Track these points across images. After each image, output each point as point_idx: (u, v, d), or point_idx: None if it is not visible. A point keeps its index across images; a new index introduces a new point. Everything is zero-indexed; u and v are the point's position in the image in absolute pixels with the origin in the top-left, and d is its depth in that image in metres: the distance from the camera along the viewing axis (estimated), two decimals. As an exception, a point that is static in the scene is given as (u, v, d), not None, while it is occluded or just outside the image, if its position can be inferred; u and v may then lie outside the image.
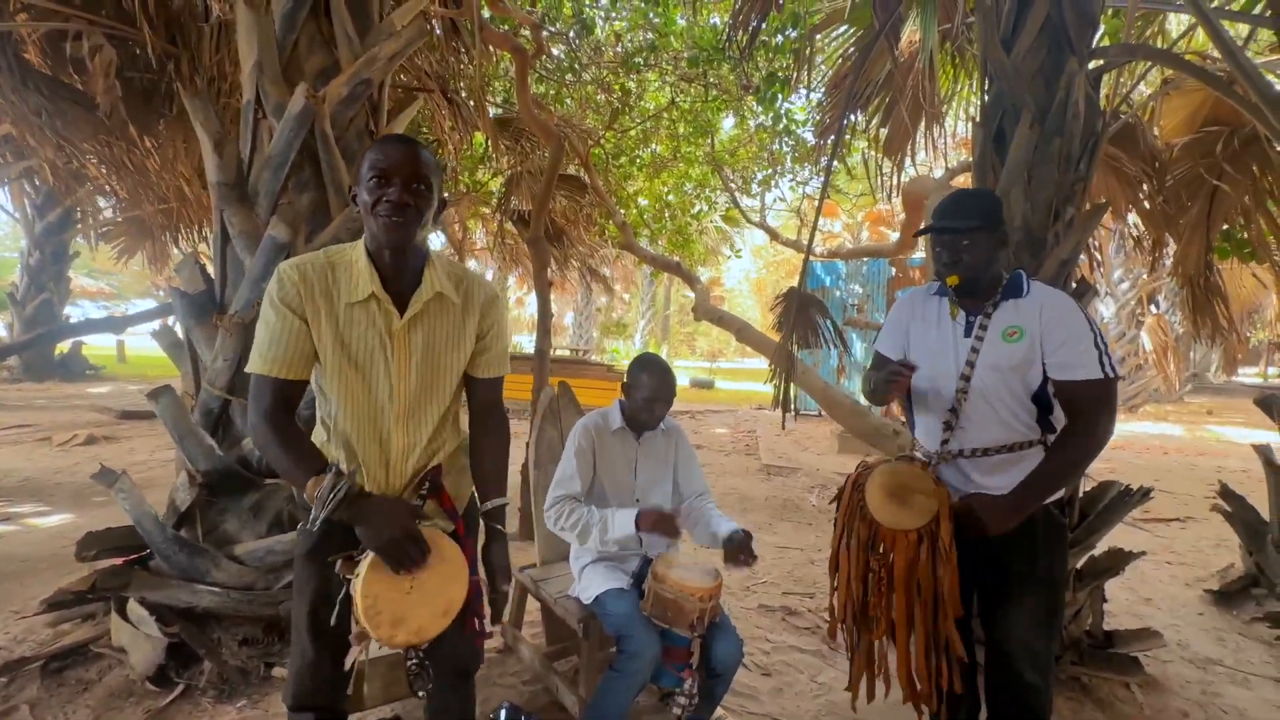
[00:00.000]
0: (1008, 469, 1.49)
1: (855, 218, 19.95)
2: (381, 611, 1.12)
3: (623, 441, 1.93)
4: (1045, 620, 1.52)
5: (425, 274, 1.28)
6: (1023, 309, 1.49)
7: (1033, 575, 1.51)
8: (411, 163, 1.18)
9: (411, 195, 1.17)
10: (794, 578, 3.31)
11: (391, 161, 1.17)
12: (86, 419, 6.72)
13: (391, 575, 1.16)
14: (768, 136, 8.06)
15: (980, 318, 1.52)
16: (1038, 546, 1.50)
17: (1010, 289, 1.52)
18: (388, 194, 1.16)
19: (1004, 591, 1.54)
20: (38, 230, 9.93)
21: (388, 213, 1.16)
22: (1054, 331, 1.43)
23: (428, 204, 1.22)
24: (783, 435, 8.20)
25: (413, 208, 1.18)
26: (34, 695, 1.92)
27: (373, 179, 1.17)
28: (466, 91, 5.56)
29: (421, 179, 1.19)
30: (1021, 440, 1.49)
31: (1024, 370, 1.46)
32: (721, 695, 1.79)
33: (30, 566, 2.88)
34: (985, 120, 2.46)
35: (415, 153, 1.20)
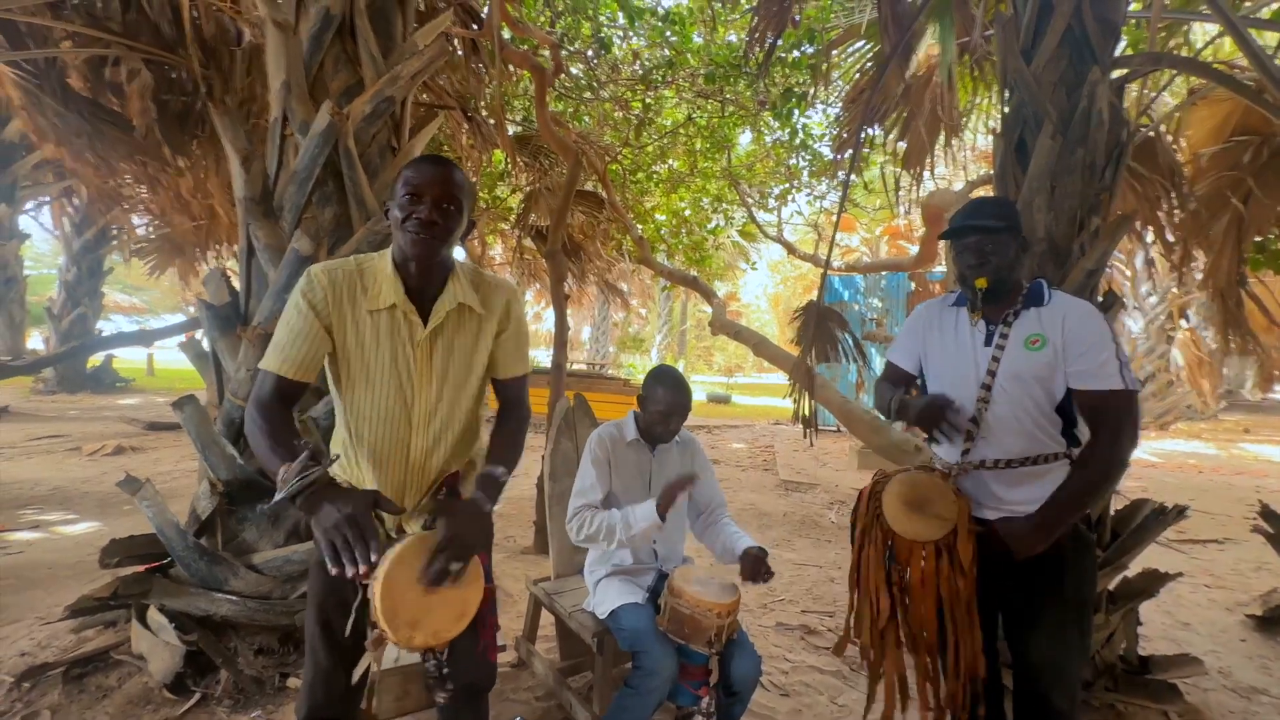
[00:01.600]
0: (1031, 482, 1.45)
1: (873, 232, 19.83)
2: (399, 614, 1.11)
3: (637, 453, 1.92)
4: (1073, 641, 1.46)
5: (449, 284, 1.31)
6: (1045, 317, 1.46)
7: (1059, 594, 1.46)
8: (443, 183, 1.22)
9: (440, 214, 1.21)
10: (813, 595, 3.23)
11: (424, 180, 1.21)
12: (115, 430, 6.88)
13: (410, 577, 1.15)
14: (784, 151, 8.08)
15: (1001, 326, 1.49)
16: (1065, 564, 1.45)
17: (1032, 297, 1.49)
18: (418, 211, 1.20)
19: (1030, 612, 1.48)
20: (76, 248, 10.30)
21: (415, 229, 1.20)
22: (1076, 340, 1.40)
23: (456, 223, 1.25)
24: (801, 451, 8.10)
25: (440, 226, 1.22)
26: (55, 701, 1.94)
27: (405, 195, 1.21)
28: (486, 110, 5.68)
29: (452, 199, 1.23)
30: (1046, 453, 1.45)
31: (1046, 380, 1.42)
32: (739, 715, 1.74)
33: (56, 574, 2.93)
34: (1006, 131, 2.43)
35: (448, 174, 1.24)
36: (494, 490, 1.31)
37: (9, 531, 3.59)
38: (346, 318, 1.25)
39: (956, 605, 1.44)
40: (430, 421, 1.32)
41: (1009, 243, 1.47)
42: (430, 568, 1.14)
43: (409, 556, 1.19)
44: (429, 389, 1.30)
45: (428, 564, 1.14)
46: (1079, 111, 2.21)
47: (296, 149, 2.28)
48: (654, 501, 1.70)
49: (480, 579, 1.24)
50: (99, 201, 7.88)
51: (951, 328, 1.59)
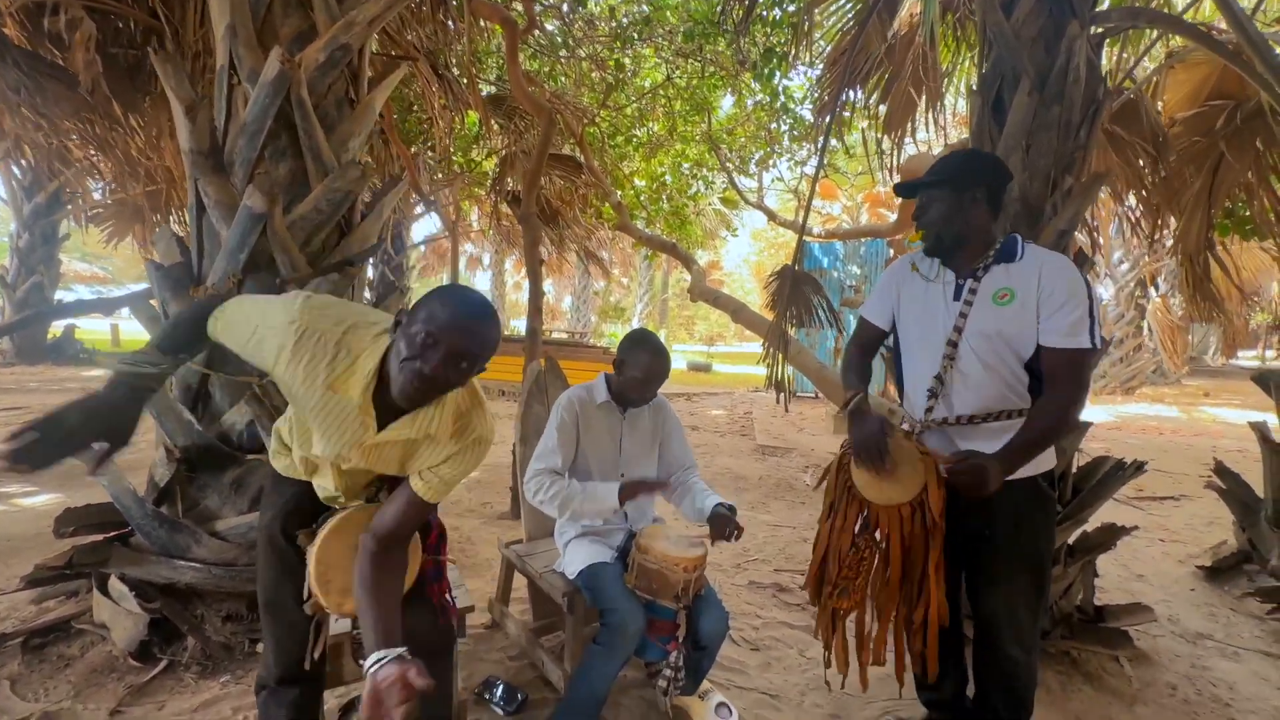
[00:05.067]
0: (994, 437, 1.45)
1: (854, 199, 19.79)
2: (332, 580, 1.14)
3: (608, 415, 1.90)
4: (1030, 595, 1.50)
5: (429, 408, 1.14)
6: (1015, 273, 1.44)
7: (1017, 549, 1.49)
8: (469, 338, 1.05)
9: (450, 371, 1.05)
10: (785, 555, 3.30)
11: (450, 330, 1.03)
12: (78, 401, 6.67)
13: (343, 546, 1.16)
14: (765, 115, 7.94)
15: (970, 281, 1.48)
16: (1022, 520, 1.48)
17: (1003, 253, 1.47)
18: (426, 360, 1.03)
19: (989, 566, 1.52)
20: (26, 212, 9.80)
21: (412, 376, 1.04)
22: (1054, 295, 1.39)
23: (463, 379, 1.09)
24: (778, 417, 8.19)
25: (442, 382, 1.06)
26: (15, 671, 1.90)
27: (421, 334, 1.03)
28: (457, 68, 5.45)
29: (470, 359, 1.06)
30: (1010, 408, 1.45)
31: (1014, 336, 1.42)
32: (708, 668, 1.78)
33: (15, 546, 2.85)
34: (983, 88, 2.39)
35: (478, 330, 1.06)
36: None
37: (-35, 504, 3.48)
38: (299, 377, 1.10)
39: (930, 558, 1.46)
40: (353, 490, 1.29)
41: (944, 198, 1.46)
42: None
43: (348, 526, 1.18)
44: (354, 474, 1.24)
45: None
46: (1056, 68, 2.17)
47: (246, 99, 2.15)
48: (617, 486, 1.69)
49: (417, 551, 1.23)
50: (46, 163, 7.47)
51: (922, 280, 1.57)
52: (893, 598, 1.49)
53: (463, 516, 3.67)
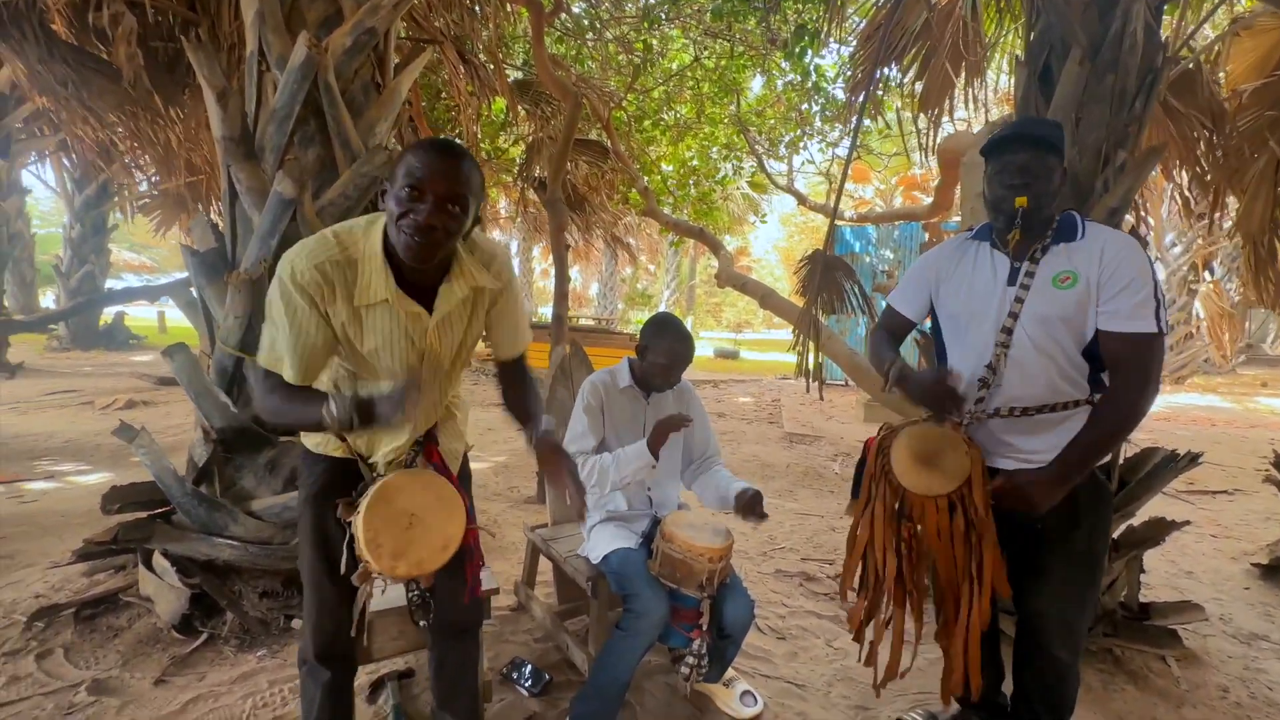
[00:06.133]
0: (1049, 430, 1.37)
1: (888, 183, 19.24)
2: (382, 545, 1.14)
3: (632, 400, 1.87)
4: (1082, 595, 1.42)
5: (453, 268, 1.18)
6: (1077, 253, 1.34)
7: (1071, 545, 1.41)
8: (451, 179, 1.05)
9: (443, 217, 1.05)
10: (813, 544, 3.25)
11: (428, 174, 1.04)
12: (127, 385, 6.97)
13: (391, 512, 1.17)
14: (796, 96, 7.73)
15: (1026, 263, 1.38)
16: (1078, 514, 1.39)
17: (1063, 231, 1.37)
18: (416, 211, 1.04)
19: (1039, 561, 1.43)
20: (77, 204, 10.22)
21: (411, 232, 1.05)
22: (1116, 276, 1.28)
23: (459, 226, 1.09)
24: (807, 404, 8.08)
25: (440, 230, 1.06)
26: (68, 640, 1.99)
27: (405, 189, 1.05)
28: (484, 53, 5.43)
29: (458, 199, 1.06)
30: (1067, 399, 1.36)
31: (1076, 322, 1.32)
32: (732, 657, 1.76)
33: (68, 521, 3.00)
34: (1031, 58, 2.26)
35: (457, 168, 1.07)
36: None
37: (24, 481, 3.67)
38: (341, 312, 1.13)
39: (971, 560, 1.39)
40: (425, 396, 1.28)
41: (1055, 165, 1.34)
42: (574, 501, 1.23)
43: (391, 492, 1.20)
44: (430, 370, 1.25)
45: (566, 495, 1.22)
46: (1111, 34, 2.04)
47: (275, 85, 2.17)
48: (645, 440, 1.67)
49: (462, 513, 1.23)
50: (94, 156, 7.73)
51: (970, 266, 1.47)
52: (924, 593, 1.44)
53: (490, 500, 3.72)
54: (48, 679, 1.81)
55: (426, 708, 1.71)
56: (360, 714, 1.72)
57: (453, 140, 1.14)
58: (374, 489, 1.20)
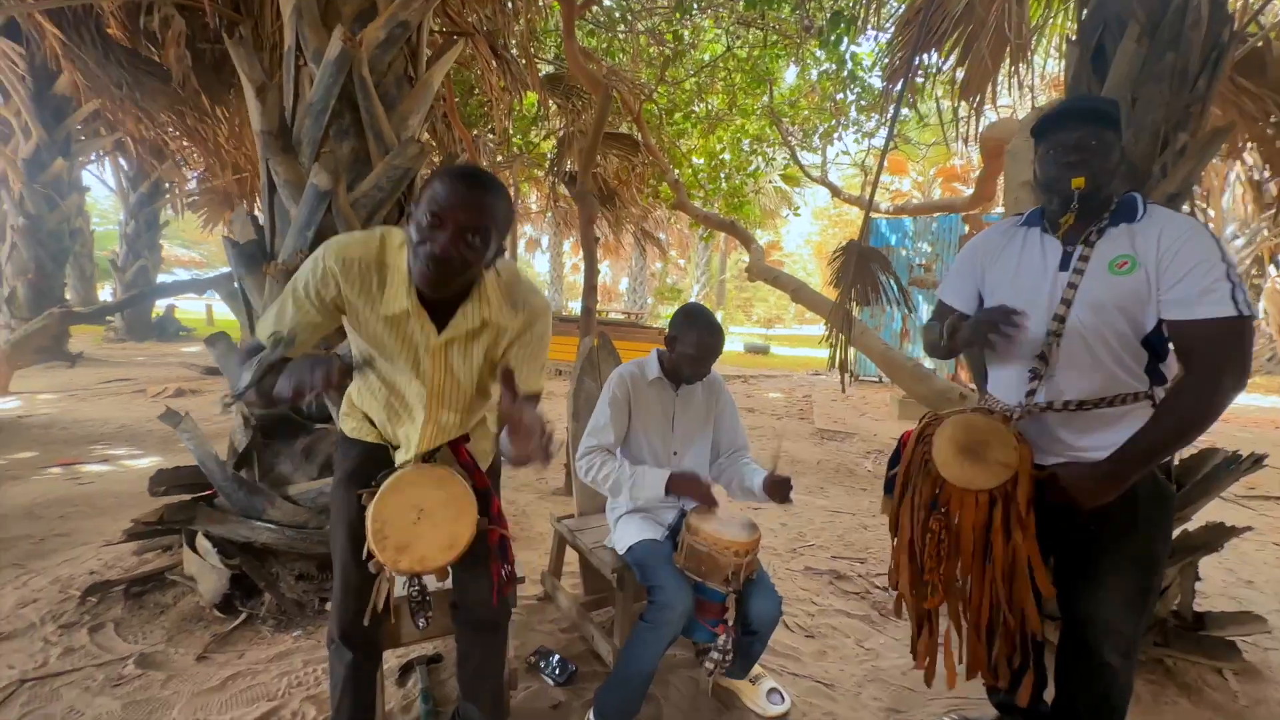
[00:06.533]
0: (1105, 426, 1.29)
1: (926, 174, 18.70)
2: (388, 537, 1.16)
3: (660, 392, 1.85)
4: (1137, 601, 1.33)
5: (472, 294, 1.17)
6: (1137, 235, 1.25)
7: (1127, 550, 1.32)
8: (472, 210, 1.05)
9: (460, 247, 1.05)
10: (844, 542, 3.18)
11: (450, 204, 1.04)
12: (177, 374, 7.28)
13: (400, 504, 1.18)
14: (831, 85, 7.55)
15: (1081, 247, 1.30)
16: (1136, 517, 1.30)
17: (1122, 212, 1.28)
18: (435, 240, 1.04)
19: (1091, 565, 1.35)
20: (132, 201, 10.72)
21: (425, 259, 1.05)
22: (1177, 260, 1.19)
23: (477, 257, 1.08)
24: (839, 400, 7.92)
25: (456, 260, 1.06)
26: (118, 615, 2.09)
27: (426, 216, 1.05)
28: (517, 48, 5.46)
29: (478, 230, 1.06)
30: (1125, 392, 1.27)
31: (1133, 309, 1.23)
32: (759, 653, 1.73)
33: (121, 502, 3.14)
34: (1082, 37, 2.15)
35: (480, 200, 1.06)
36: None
37: (82, 464, 3.86)
38: (359, 310, 1.16)
39: (1014, 560, 1.32)
40: (441, 410, 1.28)
41: (1114, 144, 1.26)
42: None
43: (403, 484, 1.21)
44: (440, 386, 1.25)
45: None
46: (1172, 9, 1.92)
47: (311, 79, 2.21)
48: (668, 475, 1.67)
49: (472, 515, 1.23)
50: (147, 154, 8.06)
51: (1018, 251, 1.40)
52: (961, 593, 1.38)
53: (518, 491, 3.75)
54: (99, 651, 1.90)
55: (454, 692, 1.74)
56: (389, 695, 1.76)
57: (480, 170, 1.13)
58: (389, 480, 1.22)
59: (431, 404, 1.26)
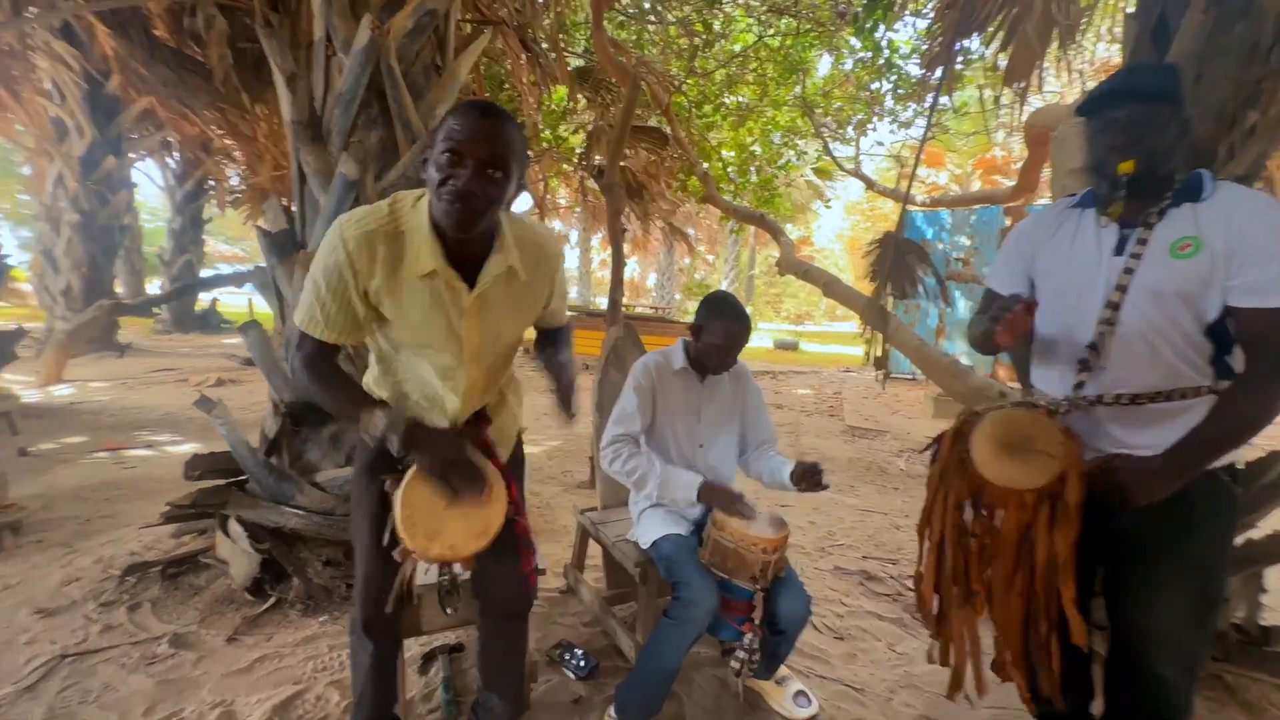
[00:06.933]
0: (1161, 422, 1.19)
1: (964, 167, 18.13)
2: (418, 524, 1.13)
3: (685, 383, 1.80)
4: (1195, 611, 1.22)
5: (495, 244, 1.15)
6: (1203, 216, 1.14)
7: (1184, 556, 1.21)
8: (491, 142, 1.02)
9: (483, 182, 1.02)
10: (875, 542, 3.09)
11: (468, 137, 1.01)
12: (218, 365, 7.53)
13: (431, 490, 1.16)
14: (866, 74, 7.34)
15: (1139, 230, 1.20)
16: (1193, 520, 1.20)
17: (1187, 191, 1.18)
18: (456, 176, 1.01)
19: (1144, 573, 1.25)
20: (178, 198, 11.10)
21: (451, 198, 1.02)
22: (1250, 242, 1.08)
23: (501, 192, 1.06)
24: (870, 397, 7.74)
25: (481, 197, 1.03)
26: (155, 595, 2.15)
27: (445, 153, 1.02)
28: (546, 41, 5.45)
29: (499, 162, 1.03)
30: (1185, 386, 1.17)
31: (1196, 296, 1.13)
32: (786, 654, 1.67)
33: (162, 486, 3.24)
34: (1141, 11, 2.02)
35: (498, 130, 1.03)
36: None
37: (127, 449, 4.01)
38: (384, 285, 1.12)
39: (1057, 566, 1.23)
40: (471, 380, 1.27)
41: (1172, 120, 1.15)
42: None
43: None
44: (473, 350, 1.22)
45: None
46: (1243, -25, 1.78)
47: (341, 69, 2.22)
48: (701, 483, 1.62)
49: (503, 500, 1.21)
50: (192, 152, 8.33)
51: (1070, 235, 1.30)
52: (1004, 598, 1.30)
53: (543, 483, 3.75)
54: (136, 630, 1.95)
55: (475, 682, 1.73)
56: (411, 684, 1.76)
57: (491, 101, 1.11)
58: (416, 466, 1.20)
59: (470, 366, 1.24)
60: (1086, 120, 1.28)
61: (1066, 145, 3.70)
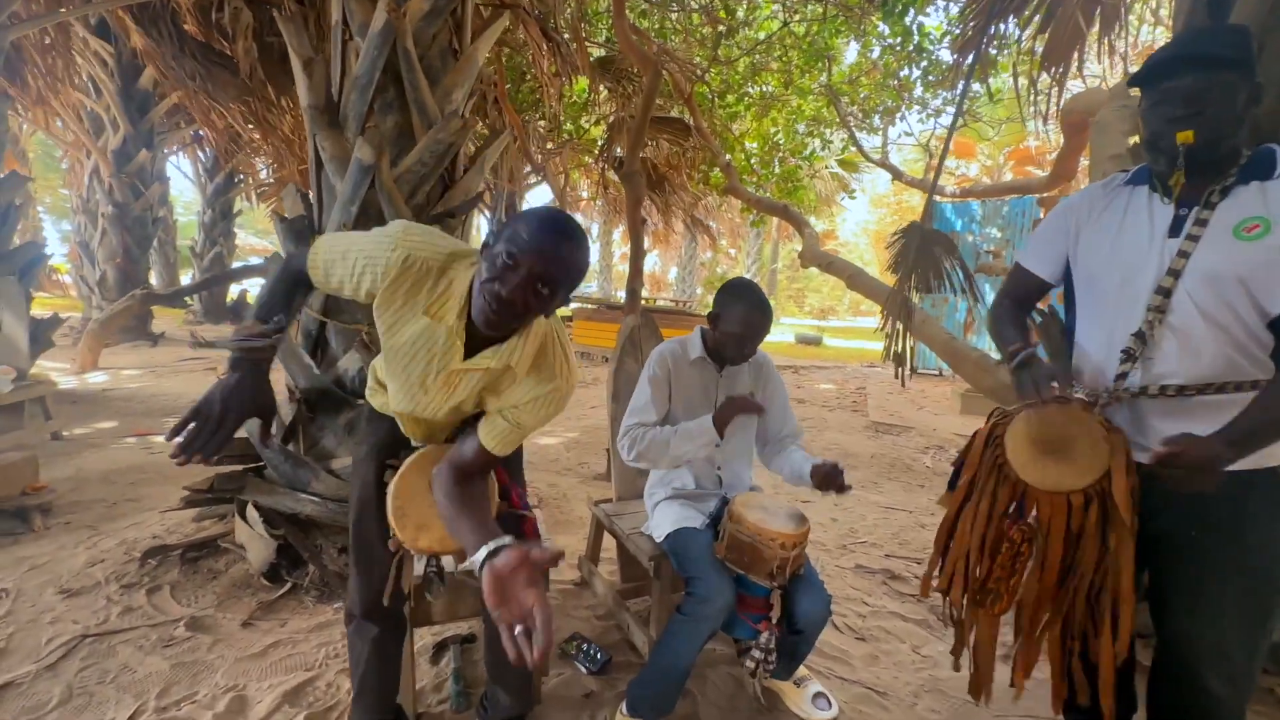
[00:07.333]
0: (1212, 416, 1.09)
1: (996, 158, 17.62)
2: (408, 515, 1.13)
3: (703, 373, 1.75)
4: (1249, 621, 1.13)
5: (511, 339, 1.10)
6: (1274, 196, 1.05)
7: (1239, 561, 1.12)
8: (551, 262, 0.98)
9: (529, 296, 0.99)
10: (899, 540, 2.99)
11: (533, 251, 0.97)
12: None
13: (422, 483, 1.15)
14: (895, 61, 7.13)
15: (1199, 209, 1.10)
16: (1246, 520, 1.11)
17: (1255, 167, 1.08)
18: (505, 283, 0.97)
19: (1192, 576, 1.16)
20: (209, 191, 11.36)
21: (491, 300, 0.99)
22: None
23: (543, 306, 1.02)
24: (895, 393, 7.57)
25: (520, 306, 0.99)
26: (175, 578, 2.17)
27: (503, 255, 0.98)
28: (567, 31, 5.40)
29: (552, 284, 1.00)
30: (1243, 379, 1.08)
31: (1261, 281, 1.04)
32: (805, 654, 1.61)
33: (187, 471, 3.28)
34: (1197, -21, 1.89)
35: (565, 252, 0.99)
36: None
37: (154, 435, 4.10)
38: (397, 303, 1.09)
39: (1110, 570, 1.15)
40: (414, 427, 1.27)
41: (1237, 87, 1.05)
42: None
43: (426, 463, 1.17)
44: (436, 405, 1.18)
45: None
46: (1312, -63, 1.65)
47: (357, 54, 2.20)
48: (710, 417, 1.54)
49: (494, 496, 1.17)
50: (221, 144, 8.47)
51: (1121, 212, 1.21)
52: (1046, 606, 1.22)
53: (560, 475, 3.73)
54: (154, 612, 1.97)
55: (486, 674, 1.70)
56: (423, 674, 1.74)
57: (569, 219, 1.04)
58: (411, 457, 1.18)
59: (407, 422, 1.25)
60: (1143, 90, 1.19)
61: (1108, 130, 3.52)
